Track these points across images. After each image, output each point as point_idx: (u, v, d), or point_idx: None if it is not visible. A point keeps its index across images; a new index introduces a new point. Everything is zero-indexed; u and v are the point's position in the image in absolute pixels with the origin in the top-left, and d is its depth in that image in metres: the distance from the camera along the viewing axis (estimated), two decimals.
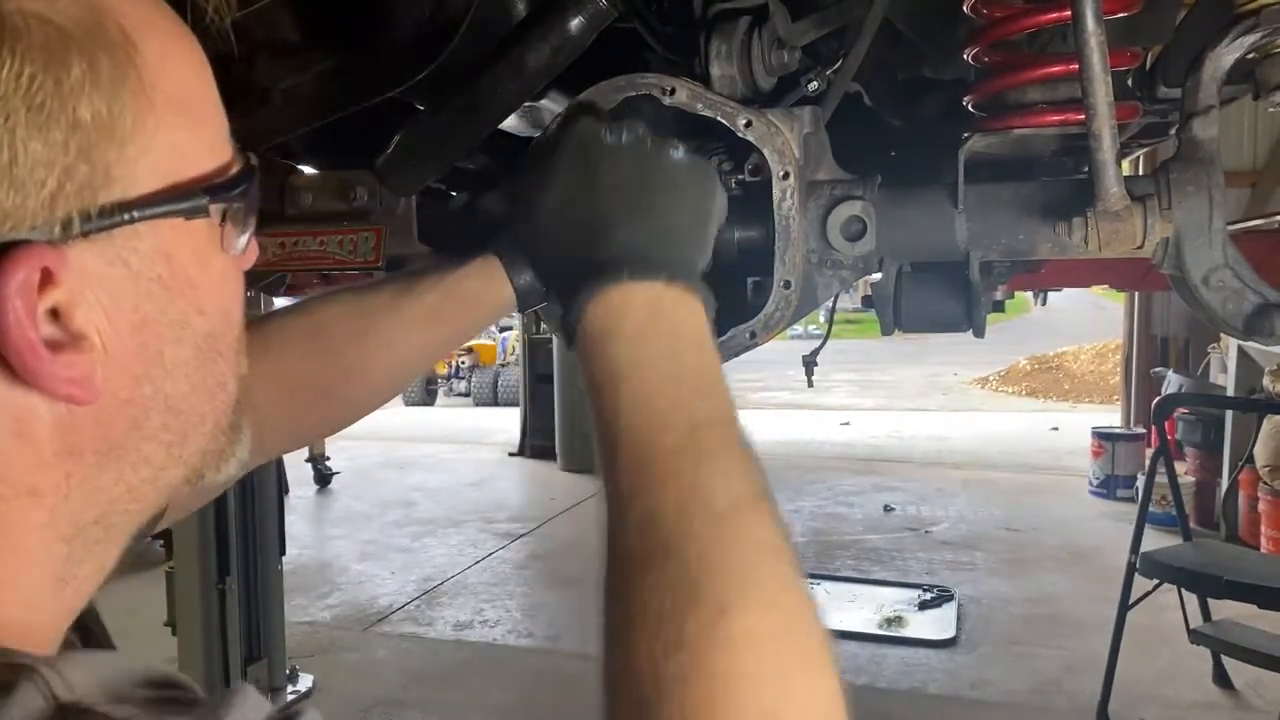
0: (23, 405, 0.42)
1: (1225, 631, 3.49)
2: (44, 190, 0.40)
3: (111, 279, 0.43)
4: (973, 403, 13.95)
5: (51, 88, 0.39)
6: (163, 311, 0.46)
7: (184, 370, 0.47)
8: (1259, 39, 0.98)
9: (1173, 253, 1.01)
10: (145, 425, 0.47)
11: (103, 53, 0.42)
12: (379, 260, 1.27)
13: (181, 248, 0.46)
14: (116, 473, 0.47)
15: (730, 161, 1.12)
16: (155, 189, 0.44)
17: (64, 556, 0.47)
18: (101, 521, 0.47)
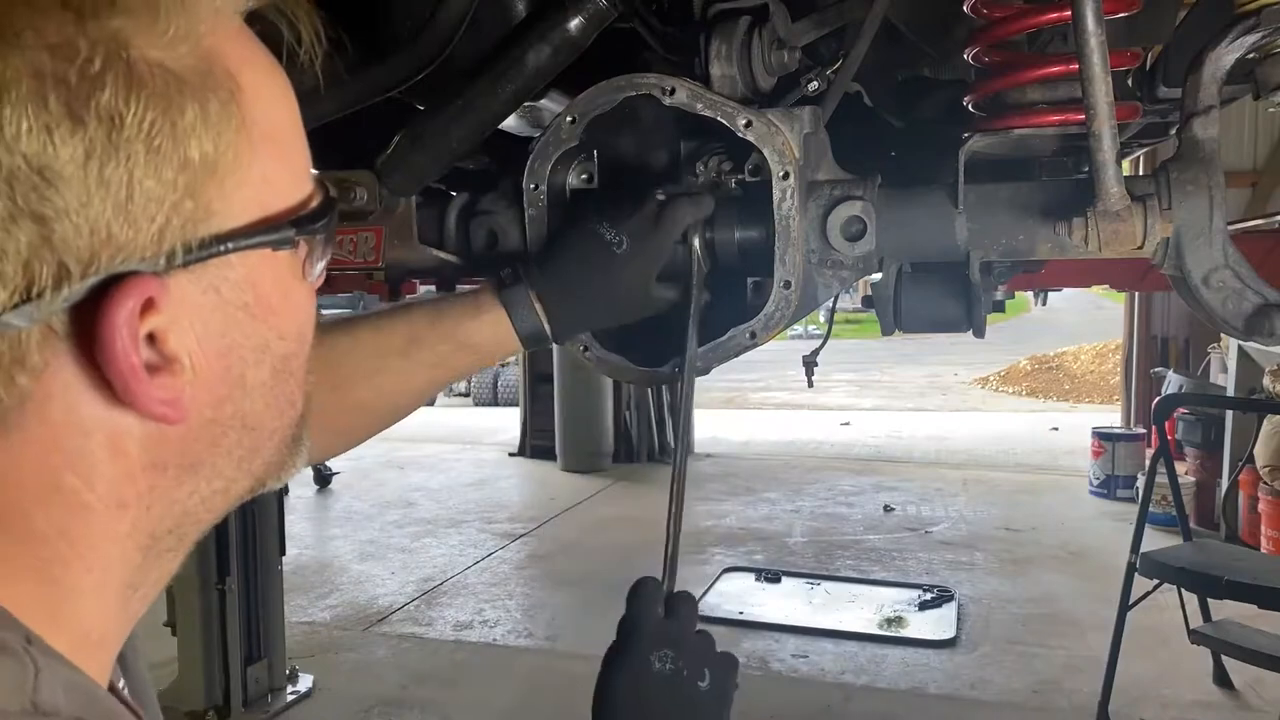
0: (118, 423, 0.45)
1: (1225, 631, 3.49)
2: (154, 225, 0.42)
3: (204, 306, 0.46)
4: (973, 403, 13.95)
5: (168, 131, 0.42)
6: (247, 337, 0.48)
7: (261, 391, 0.50)
8: (1259, 39, 0.98)
9: (1173, 253, 1.01)
10: (223, 442, 0.50)
11: (212, 95, 0.44)
12: (379, 260, 1.27)
13: (266, 277, 0.49)
14: (193, 485, 0.49)
15: (730, 161, 1.12)
16: (249, 221, 0.47)
17: (138, 565, 0.49)
18: (175, 531, 0.50)
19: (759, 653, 4.35)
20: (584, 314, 0.99)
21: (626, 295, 0.98)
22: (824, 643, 4.44)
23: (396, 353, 0.93)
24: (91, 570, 0.47)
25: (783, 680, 4.10)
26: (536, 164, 1.11)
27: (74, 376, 0.43)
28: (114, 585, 0.49)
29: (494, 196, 1.23)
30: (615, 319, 1.03)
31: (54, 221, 0.40)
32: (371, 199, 1.22)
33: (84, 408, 0.44)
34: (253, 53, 0.48)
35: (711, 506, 6.89)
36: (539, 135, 1.12)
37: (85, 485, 0.45)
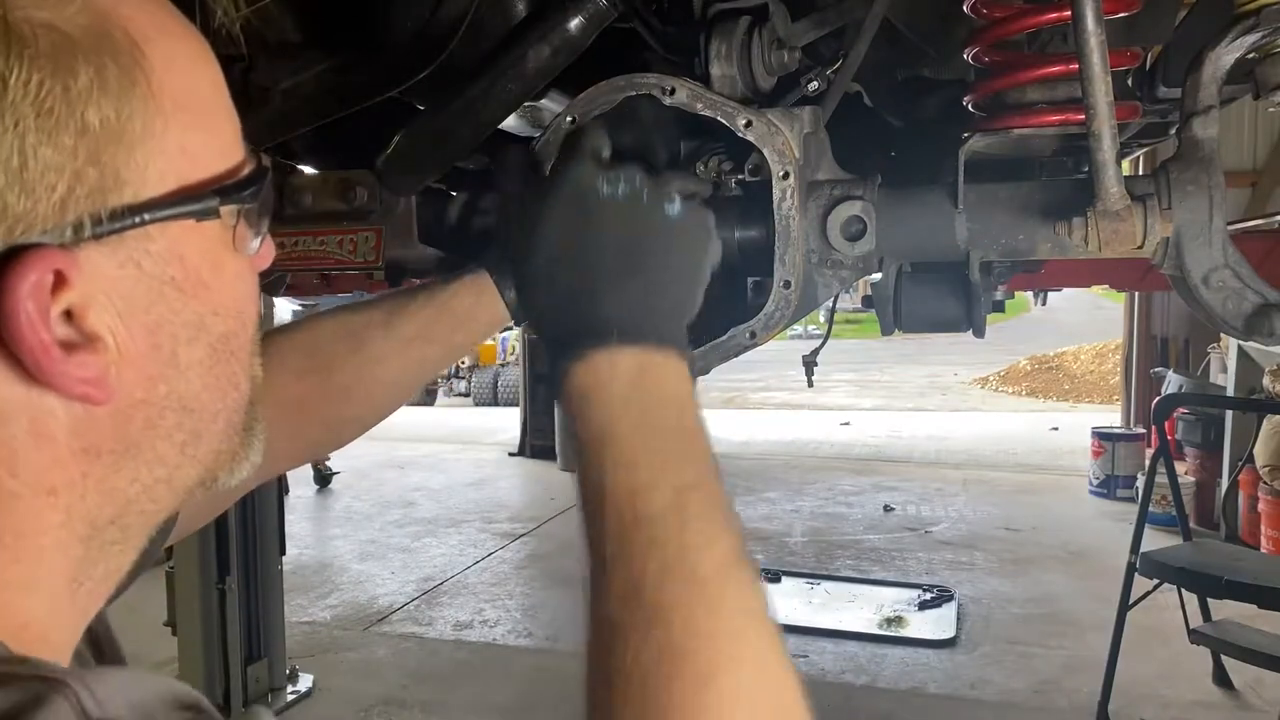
0: (39, 405, 0.43)
1: (1225, 631, 3.49)
2: (54, 195, 0.40)
3: (124, 281, 0.44)
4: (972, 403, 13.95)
5: (60, 94, 0.40)
6: (176, 313, 0.46)
7: (197, 370, 0.48)
8: (1259, 39, 0.98)
9: (1173, 253, 1.01)
10: (160, 425, 0.47)
11: (110, 59, 0.42)
12: (379, 260, 1.27)
13: (193, 249, 0.46)
14: (132, 472, 0.47)
15: (730, 161, 1.12)
16: (165, 191, 0.44)
17: (79, 558, 0.47)
18: (118, 522, 0.48)
19: None
20: None
21: None
22: (824, 642, 4.44)
23: (379, 325, 0.89)
24: (20, 561, 0.44)
25: None
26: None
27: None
28: (54, 579, 0.46)
29: (494, 196, 1.23)
30: None
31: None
32: (371, 199, 1.22)
33: (5, 390, 0.42)
34: (163, 19, 0.46)
35: None
36: (539, 135, 1.12)
37: (7, 472, 0.43)
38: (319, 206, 1.23)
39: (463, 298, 0.91)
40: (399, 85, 1.15)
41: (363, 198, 1.21)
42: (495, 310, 0.92)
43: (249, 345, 0.52)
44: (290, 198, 1.24)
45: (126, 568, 0.51)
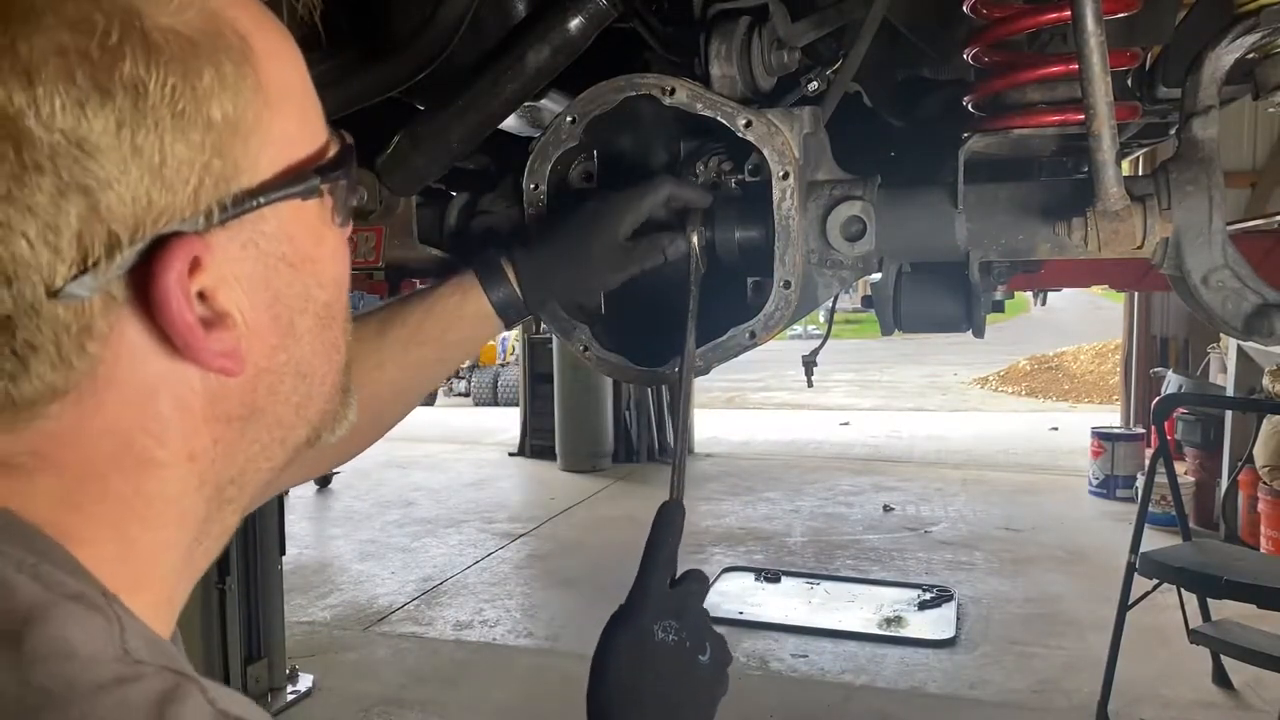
0: (182, 379, 0.48)
1: (1225, 631, 3.49)
2: (189, 187, 0.44)
3: (246, 261, 0.48)
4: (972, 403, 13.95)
5: (189, 94, 0.44)
6: (289, 286, 0.51)
7: (309, 338, 0.53)
8: (1259, 39, 0.98)
9: (1172, 253, 1.01)
10: (279, 390, 0.52)
11: (225, 57, 0.46)
12: (379, 260, 1.27)
13: (300, 227, 0.51)
14: (255, 434, 0.52)
15: (730, 161, 1.12)
16: (274, 175, 0.48)
17: (204, 518, 0.52)
18: (238, 481, 0.53)
19: (759, 652, 4.35)
20: (555, 273, 0.97)
21: (598, 249, 0.96)
22: (823, 642, 4.44)
23: (371, 334, 0.91)
24: (166, 526, 0.49)
25: (782, 680, 4.10)
26: (536, 164, 1.11)
27: (138, 338, 0.45)
28: (183, 540, 0.51)
29: (494, 196, 1.23)
30: (588, 279, 0.99)
31: (98, 192, 0.42)
32: (371, 199, 1.22)
33: (150, 367, 0.46)
34: (260, 16, 0.50)
35: (711, 506, 6.89)
36: (539, 135, 1.12)
37: (156, 443, 0.48)
38: None
39: (449, 296, 0.94)
40: (399, 85, 1.15)
41: (363, 198, 1.21)
42: (481, 308, 0.94)
43: (347, 311, 0.57)
44: None
45: (235, 526, 0.55)
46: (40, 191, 0.41)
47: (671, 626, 0.82)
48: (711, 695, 0.84)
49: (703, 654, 0.83)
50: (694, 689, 0.82)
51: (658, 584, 0.85)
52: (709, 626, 0.86)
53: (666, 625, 0.82)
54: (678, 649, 0.81)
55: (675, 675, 0.81)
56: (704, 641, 0.84)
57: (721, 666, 0.85)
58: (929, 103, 1.53)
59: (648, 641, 0.81)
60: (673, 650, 0.81)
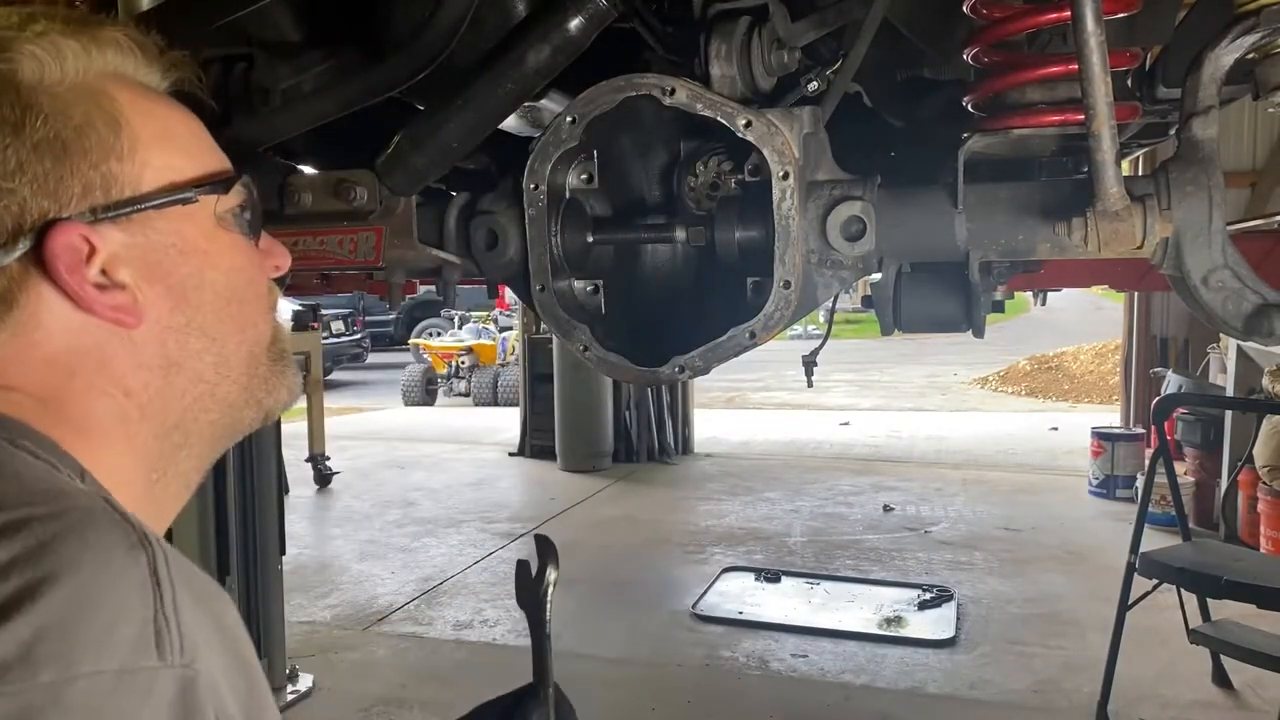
0: (95, 327, 0.64)
1: (1224, 631, 3.49)
2: (71, 193, 0.63)
3: (136, 246, 0.65)
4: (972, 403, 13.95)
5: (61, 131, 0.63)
6: (179, 266, 0.67)
7: (210, 307, 0.68)
8: (1259, 39, 0.98)
9: (1172, 253, 1.01)
10: (189, 346, 0.68)
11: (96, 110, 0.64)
12: (379, 260, 1.27)
13: (189, 225, 0.68)
14: (180, 385, 0.68)
15: (730, 161, 1.12)
16: (155, 188, 0.66)
17: (156, 453, 0.68)
18: (180, 427, 0.68)
19: (758, 652, 4.35)
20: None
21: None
22: (823, 642, 4.44)
23: None
24: (116, 446, 0.65)
25: (782, 680, 4.10)
26: (536, 164, 1.11)
27: (51, 296, 0.63)
28: (136, 468, 0.66)
29: (494, 196, 1.23)
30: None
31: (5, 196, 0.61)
32: (371, 199, 1.22)
33: (64, 317, 0.63)
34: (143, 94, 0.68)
35: (711, 506, 6.89)
36: (539, 135, 1.13)
37: (93, 375, 0.64)
38: (319, 206, 1.23)
39: None
40: (399, 85, 1.15)
41: (362, 198, 1.21)
42: None
43: (259, 298, 0.73)
44: (290, 198, 1.23)
45: (194, 477, 0.71)
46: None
47: None
48: None
49: None
50: None
51: None
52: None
53: None
54: None
55: None
56: None
57: None
58: (929, 103, 1.53)
59: None
60: None
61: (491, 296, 4.54)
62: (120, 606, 0.51)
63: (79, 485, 0.60)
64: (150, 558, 0.53)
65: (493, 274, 1.24)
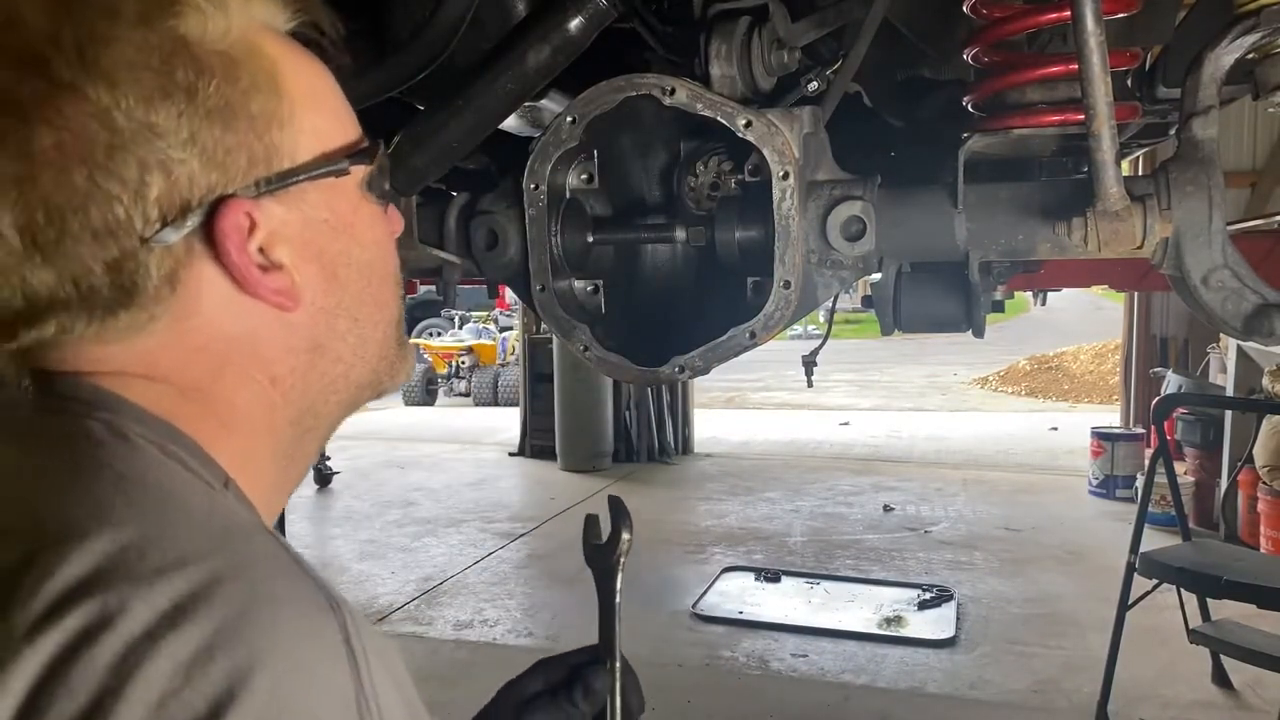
0: (253, 311, 0.61)
1: (1224, 631, 3.49)
2: (238, 164, 0.58)
3: (293, 223, 0.61)
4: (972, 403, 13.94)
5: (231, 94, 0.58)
6: (332, 243, 0.64)
7: (355, 287, 0.66)
8: (1259, 39, 0.98)
9: (1172, 253, 1.01)
10: (336, 328, 0.65)
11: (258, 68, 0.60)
12: None
13: (339, 199, 0.64)
14: (322, 368, 0.65)
15: (730, 161, 1.12)
16: (311, 158, 0.62)
17: (291, 438, 0.65)
18: (312, 410, 0.66)
19: (758, 652, 4.35)
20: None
21: None
22: (823, 642, 4.44)
23: None
24: (258, 437, 0.63)
25: (782, 679, 4.10)
26: (536, 164, 1.11)
27: (214, 277, 0.59)
28: (276, 456, 0.64)
29: (494, 196, 1.23)
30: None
31: (171, 166, 0.55)
32: None
33: (226, 302, 0.60)
34: (286, 44, 0.63)
35: (711, 506, 6.89)
36: (539, 135, 1.12)
37: (245, 364, 0.61)
38: None
39: None
40: (399, 85, 1.15)
41: None
42: None
43: (392, 275, 0.70)
44: None
45: (314, 456, 0.69)
46: (127, 165, 0.54)
47: None
48: None
49: None
50: None
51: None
52: None
53: None
54: None
55: None
56: None
57: None
58: (929, 103, 1.53)
59: None
60: None
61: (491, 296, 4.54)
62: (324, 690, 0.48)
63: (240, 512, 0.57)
64: (342, 624, 0.51)
65: (493, 274, 1.24)
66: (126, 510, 0.52)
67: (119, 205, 0.55)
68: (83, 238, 0.55)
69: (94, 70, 0.54)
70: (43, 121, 0.53)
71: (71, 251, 0.55)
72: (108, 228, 0.55)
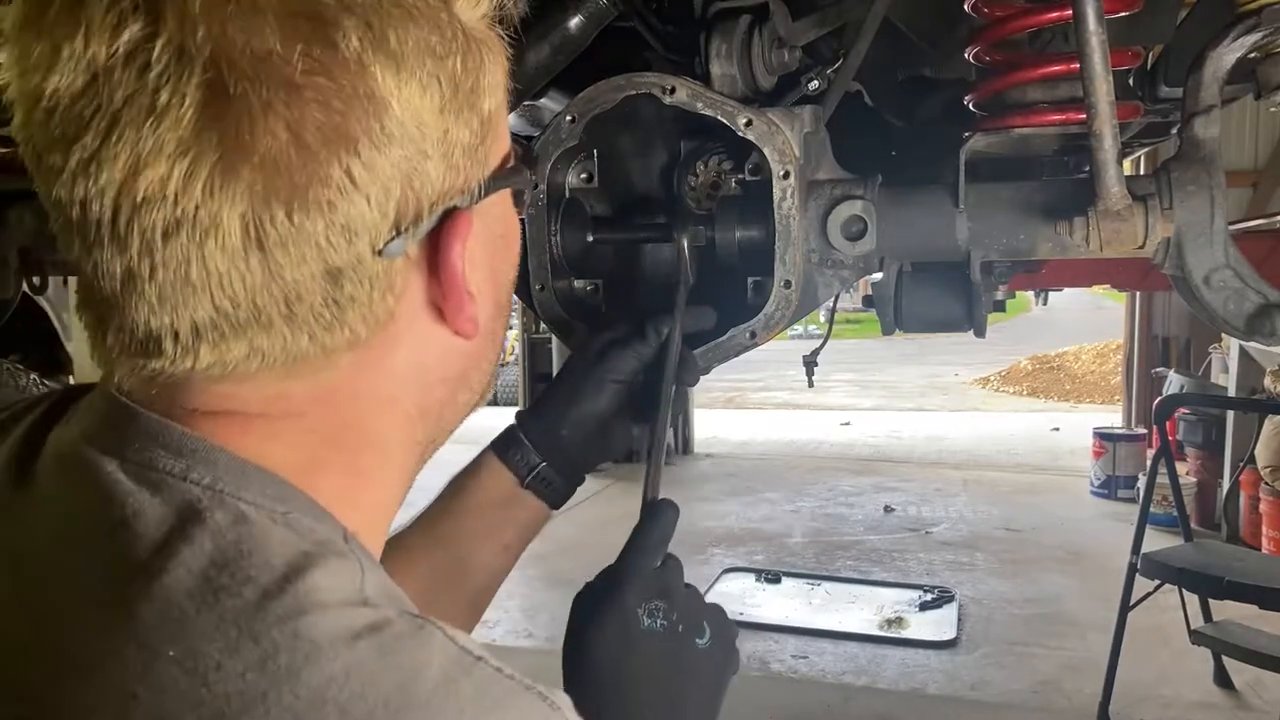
0: (438, 339, 0.52)
1: (1226, 632, 3.49)
2: (466, 168, 0.50)
3: (481, 238, 0.52)
4: (973, 403, 13.94)
5: (477, 88, 0.50)
6: (502, 261, 0.57)
7: (502, 310, 0.58)
8: (1260, 38, 0.98)
9: (1174, 253, 1.01)
10: (486, 355, 0.57)
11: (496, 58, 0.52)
12: None
13: (506, 211, 0.56)
14: (461, 397, 0.57)
15: (730, 161, 1.12)
16: (500, 164, 0.54)
17: (416, 462, 0.57)
18: (436, 439, 0.58)
19: (759, 653, 4.34)
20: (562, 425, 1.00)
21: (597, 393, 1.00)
22: (824, 643, 4.43)
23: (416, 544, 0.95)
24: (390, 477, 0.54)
25: (782, 681, 4.10)
26: (536, 163, 1.11)
27: (419, 298, 0.50)
28: (398, 495, 0.56)
29: None
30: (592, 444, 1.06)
31: (419, 163, 0.47)
32: None
33: (422, 327, 0.51)
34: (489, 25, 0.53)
35: (711, 507, 6.88)
36: (539, 134, 1.12)
37: (406, 395, 0.53)
38: None
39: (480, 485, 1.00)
40: None
41: None
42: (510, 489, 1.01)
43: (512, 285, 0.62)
44: None
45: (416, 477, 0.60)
46: (388, 160, 0.46)
47: (659, 609, 0.72)
48: (718, 680, 0.75)
49: (700, 636, 0.74)
50: (695, 676, 0.73)
51: (644, 565, 0.76)
52: (702, 603, 0.76)
53: (653, 608, 0.72)
54: (669, 636, 0.72)
55: (671, 666, 0.72)
56: (700, 621, 0.74)
57: (726, 645, 0.76)
58: (930, 102, 1.53)
59: (631, 632, 0.71)
60: (663, 638, 0.72)
61: None
62: None
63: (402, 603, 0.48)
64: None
65: None
66: None
67: (363, 202, 0.45)
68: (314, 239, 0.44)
69: (383, 47, 0.45)
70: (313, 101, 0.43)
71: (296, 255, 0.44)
72: (346, 230, 0.45)
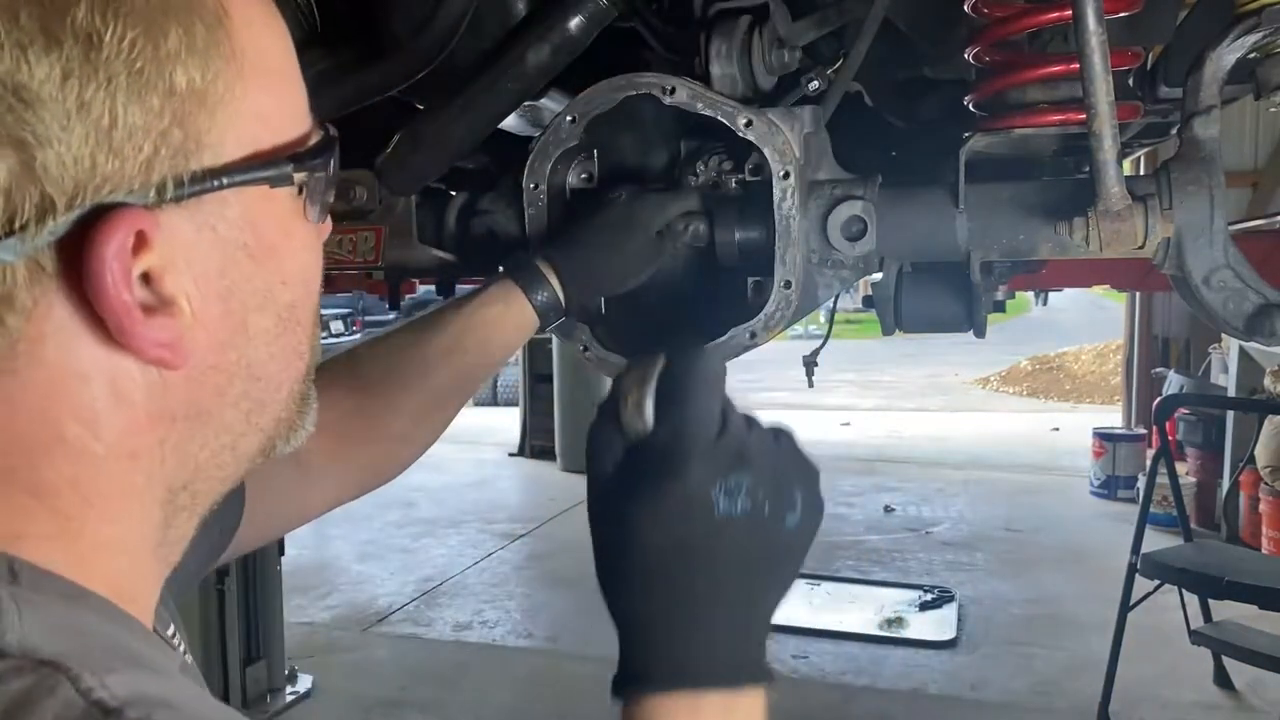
0: (118, 367, 0.43)
1: (1226, 632, 3.49)
2: (140, 155, 0.40)
3: (200, 245, 0.44)
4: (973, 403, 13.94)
5: (150, 54, 0.40)
6: (248, 279, 0.46)
7: (264, 338, 0.48)
8: (1260, 38, 0.98)
9: (1174, 253, 1.00)
10: (229, 392, 0.47)
11: (197, 18, 0.42)
12: (378, 260, 1.27)
13: (266, 216, 0.46)
14: (203, 439, 0.48)
15: (730, 161, 1.12)
16: (242, 156, 0.44)
17: (159, 522, 0.48)
18: (189, 488, 0.49)
19: None
20: (595, 271, 1.00)
21: (633, 245, 1.00)
22: (824, 643, 4.43)
23: (410, 343, 0.93)
24: (111, 522, 0.45)
25: (783, 681, 4.07)
26: (536, 163, 1.11)
27: (67, 317, 0.41)
28: (138, 540, 0.47)
29: (494, 196, 1.23)
30: (625, 275, 1.02)
31: (34, 148, 0.38)
32: (371, 199, 1.21)
33: (80, 350, 0.42)
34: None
35: None
36: (539, 135, 1.12)
37: (91, 434, 0.43)
38: None
39: (490, 307, 0.95)
40: (399, 85, 1.14)
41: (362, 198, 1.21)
42: (524, 316, 0.96)
43: (314, 314, 0.52)
44: None
45: (191, 534, 0.51)
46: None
47: (739, 486, 0.56)
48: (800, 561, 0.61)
49: (792, 510, 0.59)
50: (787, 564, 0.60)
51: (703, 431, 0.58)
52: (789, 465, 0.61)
53: (732, 485, 0.56)
54: (754, 519, 0.57)
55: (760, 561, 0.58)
56: (792, 491, 0.59)
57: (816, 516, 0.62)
58: (930, 102, 1.53)
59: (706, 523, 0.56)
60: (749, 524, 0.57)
61: None
62: None
63: None
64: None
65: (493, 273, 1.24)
66: None
67: None
68: None
69: None
70: None
71: None
72: None
